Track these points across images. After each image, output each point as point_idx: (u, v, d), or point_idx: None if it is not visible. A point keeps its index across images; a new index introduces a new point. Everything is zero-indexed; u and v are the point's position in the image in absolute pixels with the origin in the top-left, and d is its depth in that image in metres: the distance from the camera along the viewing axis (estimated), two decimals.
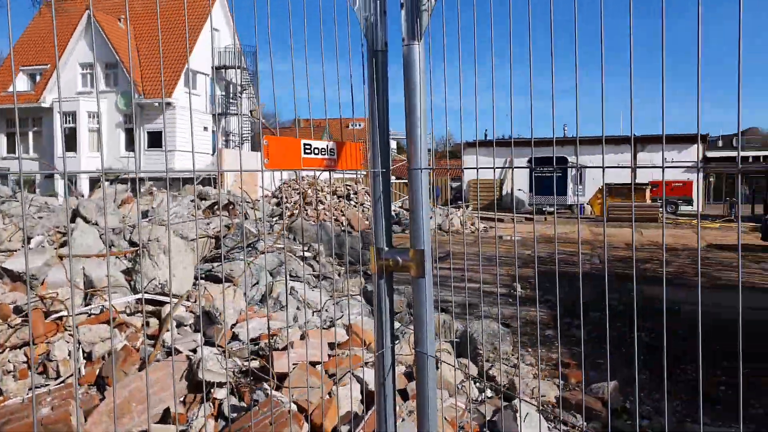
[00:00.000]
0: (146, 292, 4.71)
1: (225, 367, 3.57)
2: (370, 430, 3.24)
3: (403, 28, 1.85)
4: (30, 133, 29.48)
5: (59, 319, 4.26)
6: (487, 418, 3.81)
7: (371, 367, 3.84)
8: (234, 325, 4.60)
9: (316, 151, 1.74)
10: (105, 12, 29.00)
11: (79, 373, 3.94)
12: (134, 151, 25.10)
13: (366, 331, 4.49)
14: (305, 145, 1.68)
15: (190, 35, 28.28)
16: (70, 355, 4.01)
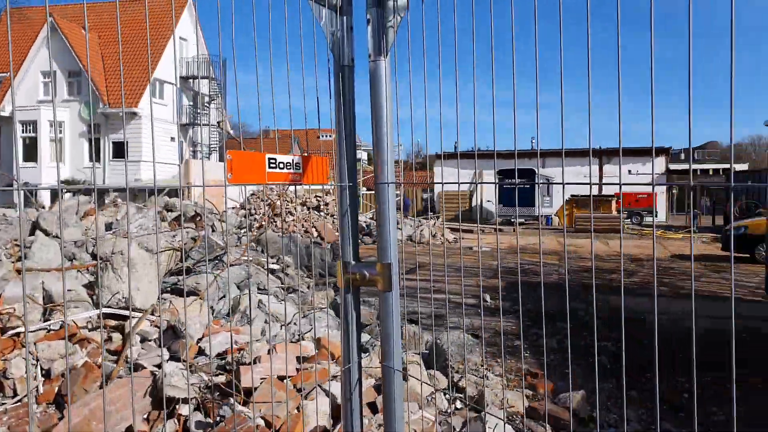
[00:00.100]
0: (109, 307, 4.59)
1: (189, 383, 3.50)
2: None
3: (369, 44, 1.86)
4: None
5: (16, 335, 4.12)
6: (456, 430, 3.81)
7: (340, 381, 3.81)
8: (200, 340, 4.52)
9: (281, 165, 1.73)
10: (69, 20, 28.46)
11: (37, 391, 3.81)
12: (93, 162, 24.56)
13: (334, 345, 4.46)
14: (270, 159, 1.66)
15: (157, 44, 27.93)
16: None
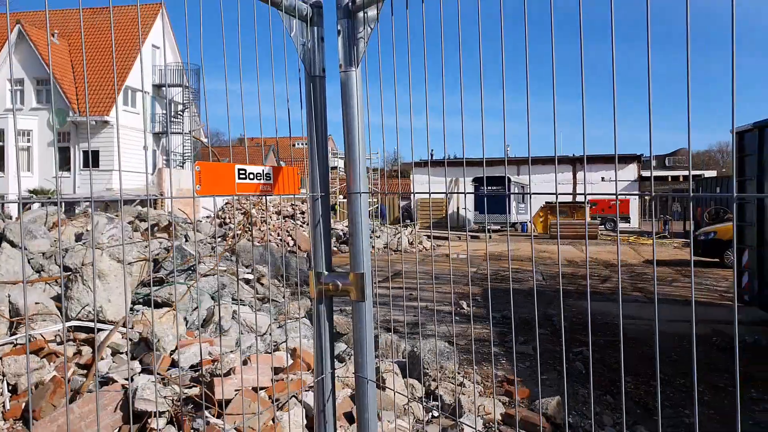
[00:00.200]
0: (78, 319, 4.49)
1: (158, 396, 3.44)
2: None
3: (340, 55, 1.86)
4: None
5: None
6: None
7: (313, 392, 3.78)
8: (173, 352, 4.45)
9: (251, 176, 1.71)
10: (38, 27, 27.94)
11: (4, 408, 3.71)
12: (57, 173, 24.09)
13: (310, 355, 4.43)
14: (239, 170, 1.65)
15: (130, 52, 27.57)
16: None
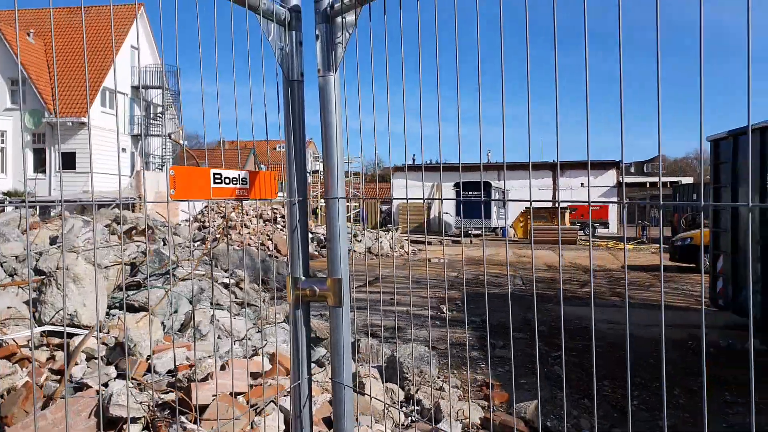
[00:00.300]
0: (53, 324, 4.41)
1: (132, 401, 3.39)
2: None
3: (318, 59, 1.86)
4: None
5: None
6: None
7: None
8: (150, 357, 4.38)
9: (227, 181, 1.70)
10: (13, 26, 27.46)
11: None
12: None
13: (289, 359, 4.40)
14: (215, 174, 1.63)
15: (108, 52, 27.22)
16: None
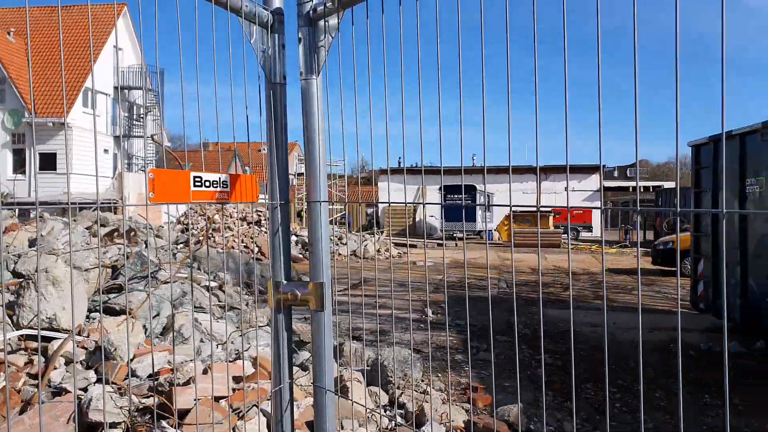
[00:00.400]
0: (31, 327, 4.34)
1: (114, 406, 3.35)
2: None
3: (301, 62, 1.85)
4: None
5: None
6: None
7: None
8: (131, 360, 4.33)
9: (207, 184, 1.68)
10: None
11: None
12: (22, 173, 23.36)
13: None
14: (195, 177, 1.62)
15: (89, 53, 26.96)
16: None
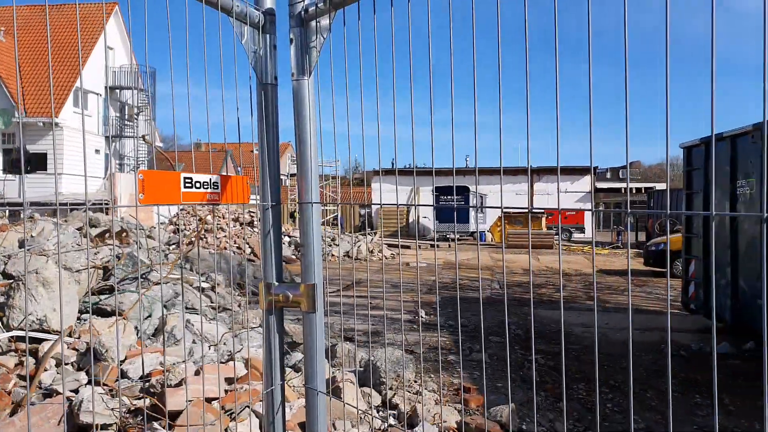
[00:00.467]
0: (21, 329, 4.31)
1: (106, 407, 3.33)
2: None
3: (292, 63, 1.85)
4: None
5: None
6: None
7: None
8: (122, 362, 4.31)
9: (198, 185, 1.68)
10: None
11: None
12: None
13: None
14: (185, 178, 1.61)
15: (82, 52, 26.78)
16: None
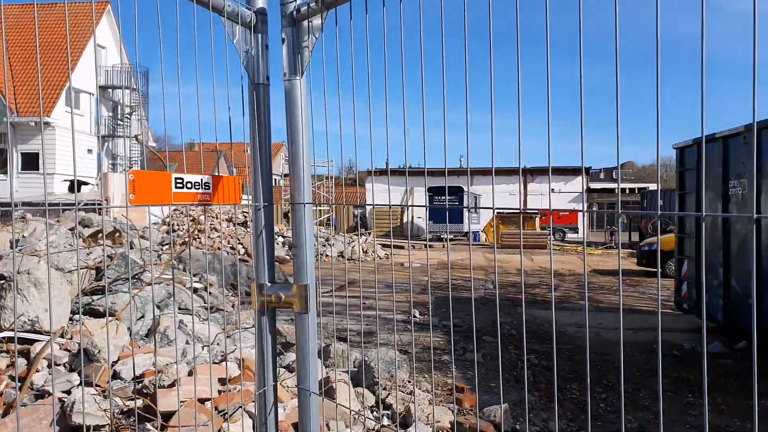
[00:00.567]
0: (13, 330, 4.29)
1: (98, 408, 3.31)
2: None
3: (284, 63, 1.84)
4: None
5: None
6: None
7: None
8: (115, 363, 4.30)
9: (189, 186, 1.67)
10: None
11: None
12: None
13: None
14: (177, 179, 1.61)
15: (74, 51, 26.62)
16: None
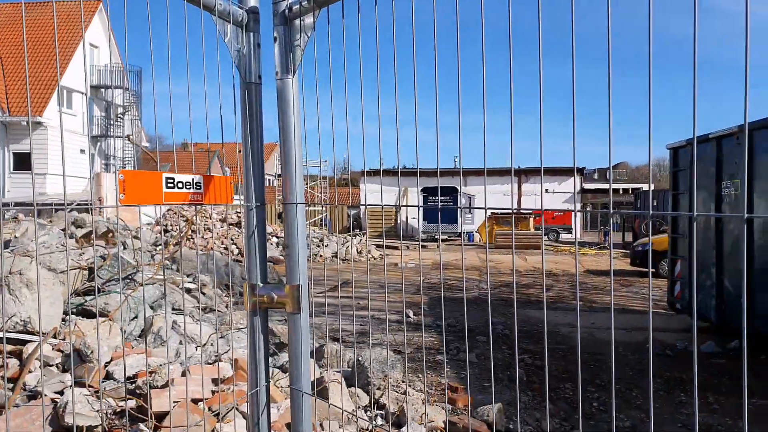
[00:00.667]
0: (4, 330, 4.26)
1: (91, 409, 3.30)
2: None
3: (276, 62, 1.84)
4: None
5: None
6: None
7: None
8: (108, 363, 4.29)
9: (180, 185, 1.66)
10: None
11: None
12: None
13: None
14: (167, 179, 1.60)
15: (64, 50, 26.47)
16: None
